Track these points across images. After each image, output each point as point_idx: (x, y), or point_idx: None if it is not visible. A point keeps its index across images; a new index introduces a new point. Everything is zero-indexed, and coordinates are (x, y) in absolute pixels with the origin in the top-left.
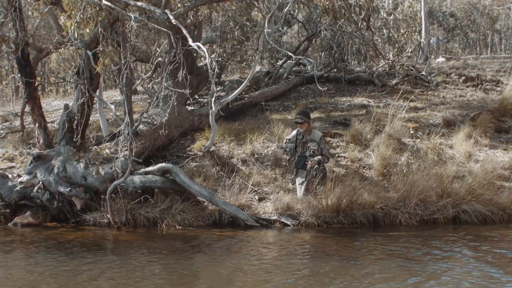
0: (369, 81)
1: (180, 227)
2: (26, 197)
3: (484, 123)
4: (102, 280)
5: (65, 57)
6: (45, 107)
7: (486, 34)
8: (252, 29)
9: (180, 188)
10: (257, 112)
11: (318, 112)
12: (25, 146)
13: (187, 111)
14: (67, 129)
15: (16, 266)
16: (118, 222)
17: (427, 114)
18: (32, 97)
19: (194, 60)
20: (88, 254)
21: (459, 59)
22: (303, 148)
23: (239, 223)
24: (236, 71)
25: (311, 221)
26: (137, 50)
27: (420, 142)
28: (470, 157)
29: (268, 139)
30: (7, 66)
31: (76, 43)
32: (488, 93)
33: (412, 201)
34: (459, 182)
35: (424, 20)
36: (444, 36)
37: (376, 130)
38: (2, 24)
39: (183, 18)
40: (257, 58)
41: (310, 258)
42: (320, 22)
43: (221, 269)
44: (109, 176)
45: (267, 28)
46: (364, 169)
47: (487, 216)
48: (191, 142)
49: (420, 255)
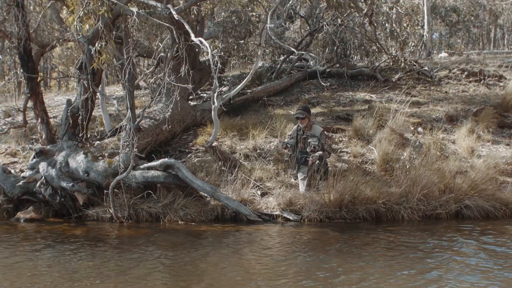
0: (371, 76)
1: (183, 222)
2: (28, 192)
3: (486, 118)
4: (106, 275)
5: (66, 53)
6: (48, 102)
7: (489, 29)
8: (254, 24)
9: (183, 183)
10: (259, 107)
11: (321, 107)
12: (27, 141)
13: (189, 106)
14: (69, 124)
15: (19, 261)
16: (121, 217)
17: (429, 109)
18: (34, 92)
19: (196, 55)
20: (91, 249)
21: (461, 54)
22: (304, 144)
23: (241, 218)
24: (239, 66)
25: (314, 216)
26: (139, 45)
27: (423, 137)
28: (473, 152)
29: (270, 134)
30: (10, 61)
31: (79, 38)
32: (490, 88)
33: (415, 197)
34: (461, 177)
35: (427, 15)
36: (447, 31)
37: (379, 125)
38: (4, 19)
39: (185, 13)
40: (260, 53)
41: (314, 252)
42: (322, 18)
43: (225, 263)
44: (112, 171)
45: (269, 23)
46: (367, 164)
47: (490, 211)
48: (194, 137)
49: (423, 249)
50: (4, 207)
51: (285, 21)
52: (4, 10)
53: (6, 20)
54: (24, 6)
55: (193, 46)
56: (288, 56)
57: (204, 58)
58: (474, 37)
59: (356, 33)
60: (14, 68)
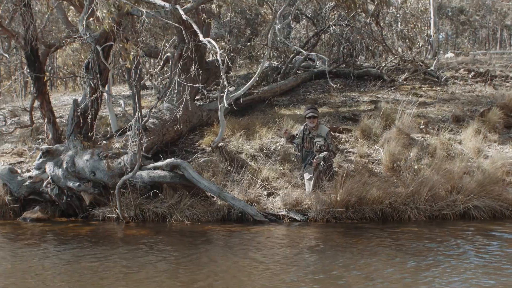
0: (378, 77)
1: (189, 222)
2: (35, 192)
3: (493, 119)
4: (114, 275)
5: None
6: (54, 102)
7: (495, 29)
8: (260, 24)
9: (189, 183)
10: (266, 107)
11: (327, 108)
12: (34, 141)
13: (196, 106)
14: (76, 124)
15: (26, 260)
16: (127, 217)
17: (436, 110)
18: (41, 92)
19: (202, 55)
20: (98, 249)
21: (468, 54)
22: (310, 144)
23: (247, 218)
24: (245, 66)
25: (320, 217)
26: (145, 45)
27: (429, 138)
28: (479, 152)
29: (277, 134)
30: (16, 61)
31: (86, 38)
32: (497, 89)
33: (421, 197)
34: (468, 177)
35: (433, 15)
36: (453, 31)
37: (385, 126)
38: (11, 20)
39: (192, 13)
40: (267, 53)
41: (320, 252)
42: (328, 18)
43: (231, 263)
44: (118, 171)
45: (277, 24)
46: (373, 164)
47: (497, 211)
48: (200, 137)
49: (430, 249)
50: (10, 206)
51: (291, 22)
52: (12, 10)
53: (13, 20)
54: (31, 6)
55: (200, 46)
56: (295, 56)
57: (211, 58)
58: (481, 37)
59: (363, 34)
60: (21, 68)
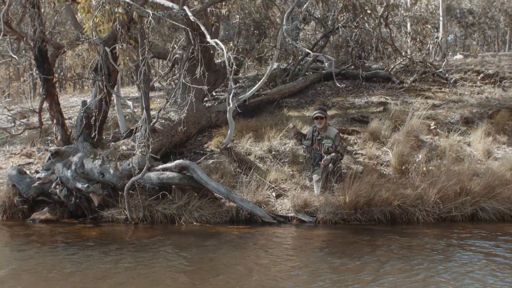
0: (386, 78)
1: (198, 224)
2: (43, 193)
3: (502, 121)
4: (122, 277)
5: (80, 53)
6: (63, 104)
7: (505, 31)
8: (269, 26)
9: (198, 185)
10: (274, 109)
11: (336, 109)
12: (43, 143)
13: (204, 108)
14: (85, 126)
15: (35, 262)
16: (136, 219)
17: (445, 112)
18: (50, 94)
19: (211, 57)
20: (107, 250)
21: (476, 56)
22: (319, 145)
23: (256, 220)
24: (253, 68)
25: (329, 218)
26: (154, 47)
27: (438, 140)
28: (489, 154)
29: (285, 136)
30: (25, 62)
31: (95, 40)
32: (506, 90)
33: (430, 199)
34: (477, 179)
35: (442, 16)
36: (462, 33)
37: (394, 127)
38: (20, 21)
39: (201, 15)
40: (276, 55)
41: (329, 254)
42: (337, 20)
43: (240, 265)
44: (127, 172)
45: (285, 25)
46: (382, 166)
47: (506, 214)
48: (208, 138)
49: (439, 250)
50: (19, 207)
51: (300, 23)
52: (20, 12)
53: (22, 21)
54: (40, 7)
55: (208, 48)
56: (303, 58)
57: (219, 59)
58: (490, 39)
59: (371, 35)
60: (30, 69)
